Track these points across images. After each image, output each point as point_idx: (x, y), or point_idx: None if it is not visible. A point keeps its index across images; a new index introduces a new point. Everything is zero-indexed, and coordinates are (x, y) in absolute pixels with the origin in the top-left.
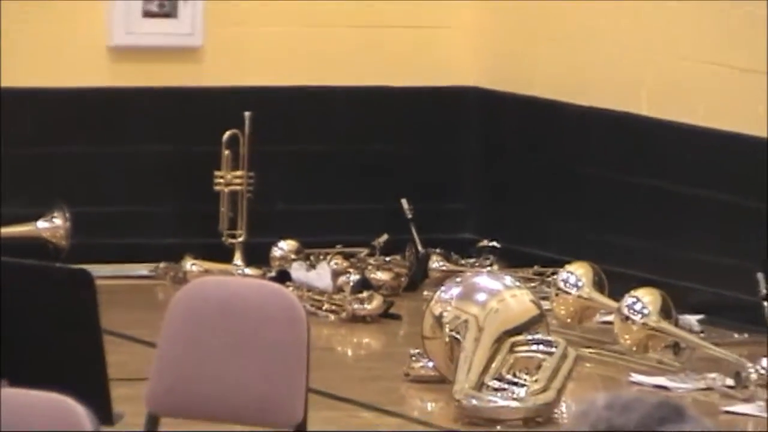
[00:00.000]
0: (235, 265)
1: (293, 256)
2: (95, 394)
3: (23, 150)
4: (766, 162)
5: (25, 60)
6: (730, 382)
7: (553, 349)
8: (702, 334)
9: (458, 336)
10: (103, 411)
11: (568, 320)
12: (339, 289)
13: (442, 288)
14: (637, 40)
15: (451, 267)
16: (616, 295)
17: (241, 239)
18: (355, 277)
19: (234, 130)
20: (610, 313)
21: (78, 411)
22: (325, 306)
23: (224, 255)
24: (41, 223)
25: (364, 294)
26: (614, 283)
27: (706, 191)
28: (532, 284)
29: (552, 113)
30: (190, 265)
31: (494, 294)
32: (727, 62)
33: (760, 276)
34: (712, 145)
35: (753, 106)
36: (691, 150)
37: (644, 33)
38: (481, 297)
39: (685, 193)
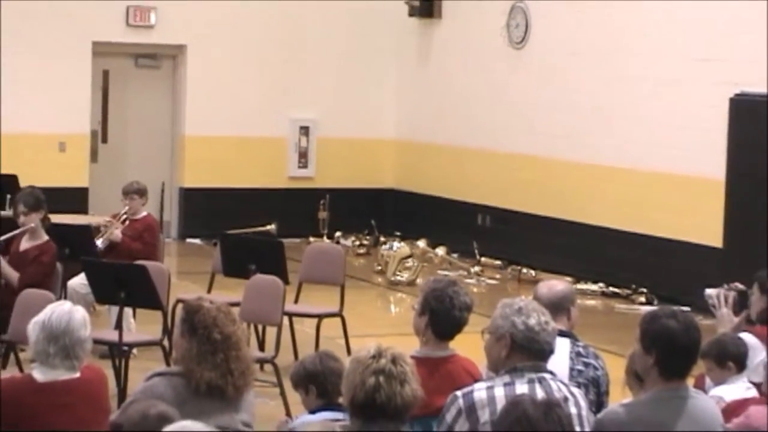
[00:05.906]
0: (324, 240)
1: (342, 237)
2: (282, 274)
3: (250, 206)
4: None
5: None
6: (465, 273)
7: (415, 264)
8: (457, 260)
9: (388, 260)
10: (285, 278)
11: (411, 254)
12: (353, 246)
13: (383, 246)
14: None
15: (385, 239)
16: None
17: (325, 232)
18: (356, 242)
19: (323, 200)
20: (431, 253)
21: (277, 280)
22: (348, 252)
23: (321, 237)
24: (269, 226)
25: (360, 248)
26: (432, 242)
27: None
28: (409, 245)
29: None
30: (311, 239)
31: (399, 248)
32: None
33: (474, 243)
34: None
35: None
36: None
37: None
38: (394, 248)
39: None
